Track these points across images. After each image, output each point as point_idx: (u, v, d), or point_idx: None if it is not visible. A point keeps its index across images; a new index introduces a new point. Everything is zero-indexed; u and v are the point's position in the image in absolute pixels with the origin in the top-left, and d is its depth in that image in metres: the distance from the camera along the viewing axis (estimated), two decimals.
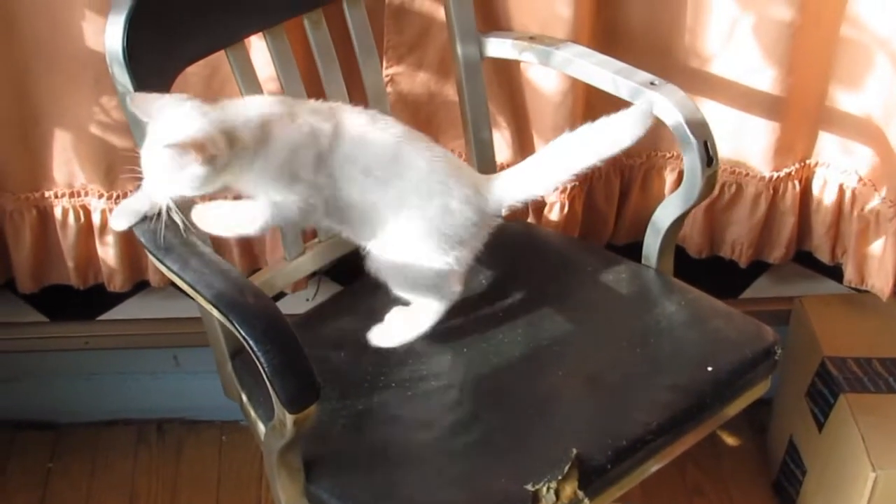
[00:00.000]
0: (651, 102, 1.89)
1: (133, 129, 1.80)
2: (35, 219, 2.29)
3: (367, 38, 2.03)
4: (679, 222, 2.04)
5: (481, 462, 1.74)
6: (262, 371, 1.54)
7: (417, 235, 1.82)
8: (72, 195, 2.27)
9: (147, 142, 1.68)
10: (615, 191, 2.40)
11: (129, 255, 2.33)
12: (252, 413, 1.89)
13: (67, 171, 2.25)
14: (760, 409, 2.57)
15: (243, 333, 1.55)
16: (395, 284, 1.87)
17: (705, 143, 1.91)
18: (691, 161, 1.92)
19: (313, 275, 2.34)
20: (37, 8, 2.09)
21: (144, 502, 2.55)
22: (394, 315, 1.91)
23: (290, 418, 1.58)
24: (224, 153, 1.66)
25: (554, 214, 2.31)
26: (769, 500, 2.57)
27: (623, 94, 1.97)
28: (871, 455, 2.19)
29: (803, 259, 2.52)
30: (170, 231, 1.72)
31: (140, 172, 1.69)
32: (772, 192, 2.36)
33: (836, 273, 2.50)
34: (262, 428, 1.83)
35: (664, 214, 2.03)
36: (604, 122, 1.85)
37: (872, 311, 2.45)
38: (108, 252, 2.31)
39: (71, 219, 2.28)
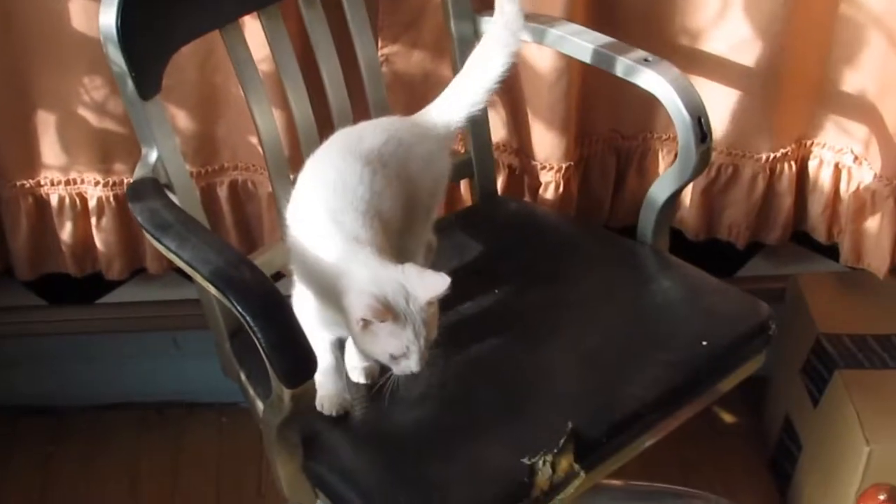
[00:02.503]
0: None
1: (130, 112, 1.82)
2: (31, 207, 2.29)
3: (361, 18, 2.04)
4: (674, 199, 2.05)
5: (478, 437, 1.75)
6: (259, 347, 1.55)
7: None
8: (67, 183, 2.28)
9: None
10: (611, 172, 2.40)
11: (127, 243, 2.33)
12: (251, 391, 1.90)
13: (63, 158, 2.25)
14: (756, 386, 2.58)
15: (240, 309, 1.55)
16: None
17: (699, 120, 1.92)
18: (685, 138, 1.93)
19: None
20: None
21: (145, 485, 2.57)
22: None
23: (287, 393, 1.59)
24: None
25: (549, 194, 2.31)
26: (765, 476, 2.58)
27: (618, 71, 1.98)
28: (865, 430, 2.20)
29: (800, 239, 2.52)
30: (167, 209, 1.73)
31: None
32: (768, 173, 2.36)
33: (832, 252, 2.50)
34: (260, 406, 1.84)
35: (659, 191, 2.04)
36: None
37: (868, 288, 2.46)
38: (105, 240, 2.32)
39: (67, 206, 2.29)
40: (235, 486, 2.56)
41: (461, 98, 1.91)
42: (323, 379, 1.76)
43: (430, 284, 1.63)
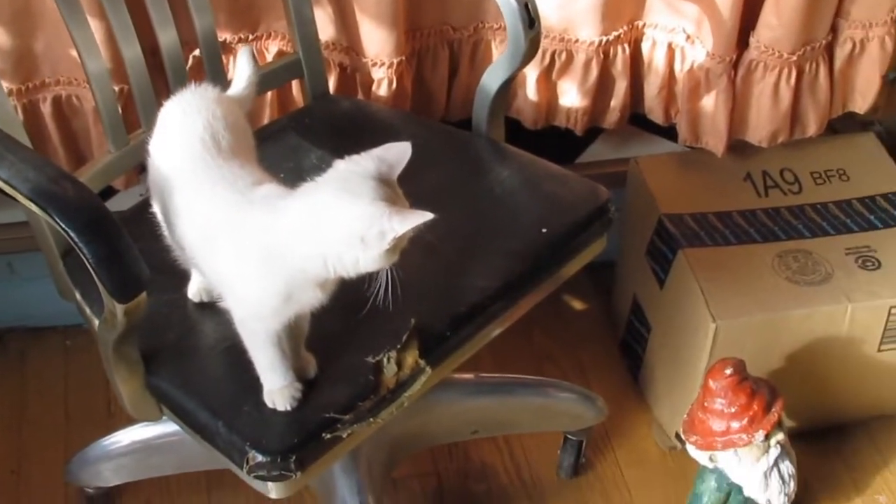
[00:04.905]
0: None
1: None
2: None
3: None
4: (506, 88, 2.04)
5: (322, 339, 1.72)
6: (87, 263, 1.51)
7: None
8: None
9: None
10: (444, 65, 2.38)
11: None
12: (87, 311, 1.86)
13: None
14: (604, 271, 2.61)
15: (63, 226, 1.50)
16: None
17: (526, 5, 1.91)
18: (513, 24, 1.93)
19: (144, 170, 2.29)
20: None
21: None
22: None
23: (119, 308, 1.55)
24: None
25: (382, 90, 2.28)
26: (617, 359, 2.61)
27: None
28: (710, 307, 2.22)
29: (638, 121, 2.53)
30: None
31: None
32: (602, 57, 2.36)
33: (671, 133, 2.52)
34: (97, 324, 1.80)
35: (491, 80, 2.03)
36: None
37: (706, 167, 2.48)
38: None
39: None
40: (85, 408, 2.51)
41: None
42: (271, 374, 1.65)
43: (396, 157, 1.58)
